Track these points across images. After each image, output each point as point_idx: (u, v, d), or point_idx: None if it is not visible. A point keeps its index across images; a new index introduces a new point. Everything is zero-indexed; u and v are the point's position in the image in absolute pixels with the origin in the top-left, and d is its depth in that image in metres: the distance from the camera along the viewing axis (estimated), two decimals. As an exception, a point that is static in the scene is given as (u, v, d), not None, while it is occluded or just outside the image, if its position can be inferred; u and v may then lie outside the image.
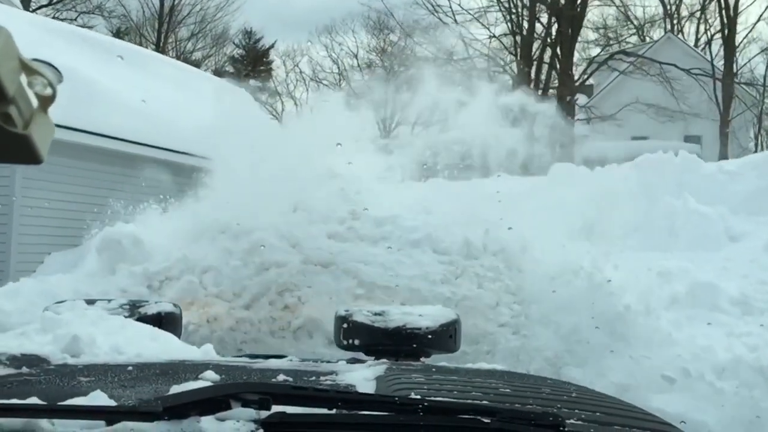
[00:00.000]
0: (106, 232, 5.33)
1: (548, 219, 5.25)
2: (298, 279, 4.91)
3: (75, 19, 28.71)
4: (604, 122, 23.49)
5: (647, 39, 29.82)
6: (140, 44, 25.68)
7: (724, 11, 24.39)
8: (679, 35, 28.81)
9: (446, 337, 2.66)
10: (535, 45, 23.90)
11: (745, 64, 27.38)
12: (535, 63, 23.61)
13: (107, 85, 9.74)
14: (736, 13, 24.30)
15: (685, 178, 6.73)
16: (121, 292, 4.92)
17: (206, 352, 1.94)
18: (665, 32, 28.46)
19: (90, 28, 24.35)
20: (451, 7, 24.68)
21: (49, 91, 0.82)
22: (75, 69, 8.68)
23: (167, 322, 2.37)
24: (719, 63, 24.79)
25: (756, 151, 23.62)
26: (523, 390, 1.48)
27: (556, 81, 23.20)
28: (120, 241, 5.27)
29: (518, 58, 23.86)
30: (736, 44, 24.99)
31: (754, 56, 27.88)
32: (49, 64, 0.85)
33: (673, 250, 5.62)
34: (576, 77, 23.75)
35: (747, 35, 26.87)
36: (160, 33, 33.33)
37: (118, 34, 29.73)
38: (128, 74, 10.69)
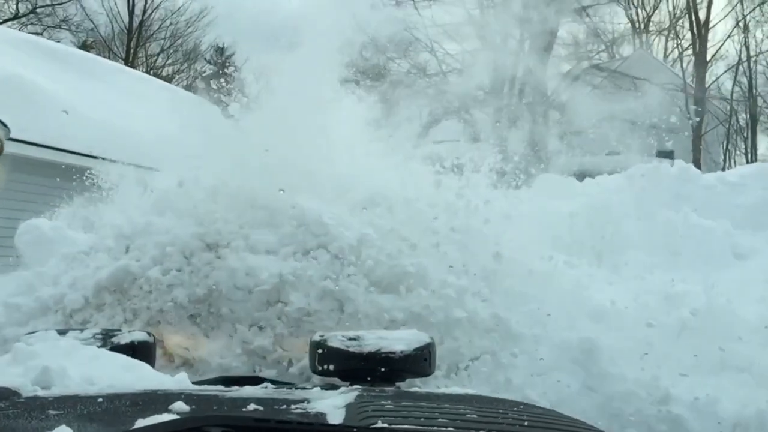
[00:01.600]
0: (23, 224, 4.88)
1: (533, 234, 4.77)
2: (235, 229, 4.39)
3: (41, 34, 28.01)
4: (577, 137, 23.54)
5: (616, 56, 30.05)
6: (109, 59, 25.00)
7: (694, 26, 24.63)
8: (648, 51, 29.06)
9: (421, 360, 2.64)
10: (508, 60, 23.86)
11: (713, 82, 27.67)
12: (508, 78, 23.58)
13: (57, 95, 9.11)
14: (707, 28, 24.57)
15: (683, 189, 6.22)
16: (53, 285, 4.42)
17: (179, 381, 1.93)
18: (635, 49, 28.66)
19: (57, 41, 23.64)
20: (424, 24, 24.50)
21: None
22: (20, 77, 8.07)
23: (140, 350, 2.36)
24: (689, 79, 24.98)
25: (724, 168, 23.73)
26: (490, 415, 1.50)
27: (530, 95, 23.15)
28: (39, 226, 4.93)
29: (491, 72, 23.78)
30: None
31: (722, 74, 28.20)
32: None
33: (675, 270, 5.10)
34: (549, 92, 23.74)
35: (715, 53, 27.19)
36: (129, 48, 32.85)
37: (83, 47, 29.05)
38: (83, 85, 10.07)
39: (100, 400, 1.46)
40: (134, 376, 1.85)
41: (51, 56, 10.35)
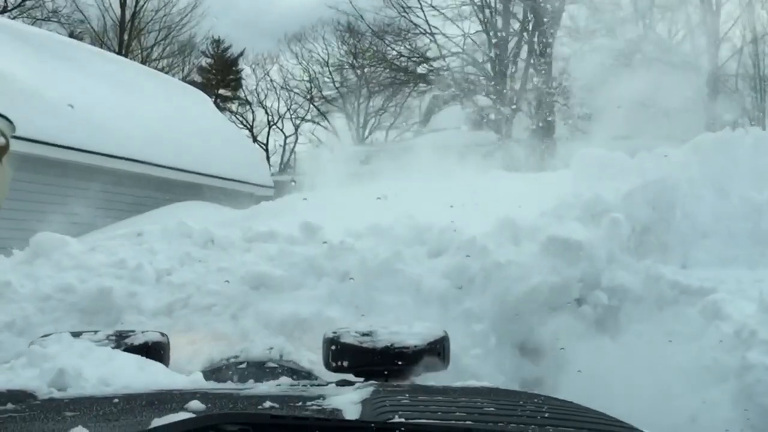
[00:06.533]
0: None
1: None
2: None
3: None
4: (584, 122, 22.82)
5: (619, 38, 29.33)
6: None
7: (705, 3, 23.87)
8: (653, 31, 28.29)
9: (434, 355, 2.64)
10: (512, 43, 23.14)
11: (722, 65, 26.93)
12: (511, 61, 22.90)
13: (28, 81, 8.30)
14: (719, 7, 23.83)
15: (762, 163, 5.18)
16: None
17: (194, 381, 1.96)
18: (638, 29, 27.89)
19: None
20: (422, 8, 23.75)
21: (1, 140, 0.97)
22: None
23: (154, 350, 2.38)
24: (698, 59, 24.22)
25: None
26: (508, 408, 1.51)
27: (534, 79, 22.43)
28: None
29: (493, 56, 23.02)
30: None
31: (727, 60, 27.43)
32: (1, 115, 0.95)
33: (764, 265, 4.23)
34: (555, 74, 22.97)
35: (725, 35, 26.42)
36: (122, 40, 32.17)
37: (71, 37, 28.37)
38: (58, 70, 9.25)
39: (116, 400, 1.50)
40: (149, 376, 1.89)
41: (27, 41, 9.55)
